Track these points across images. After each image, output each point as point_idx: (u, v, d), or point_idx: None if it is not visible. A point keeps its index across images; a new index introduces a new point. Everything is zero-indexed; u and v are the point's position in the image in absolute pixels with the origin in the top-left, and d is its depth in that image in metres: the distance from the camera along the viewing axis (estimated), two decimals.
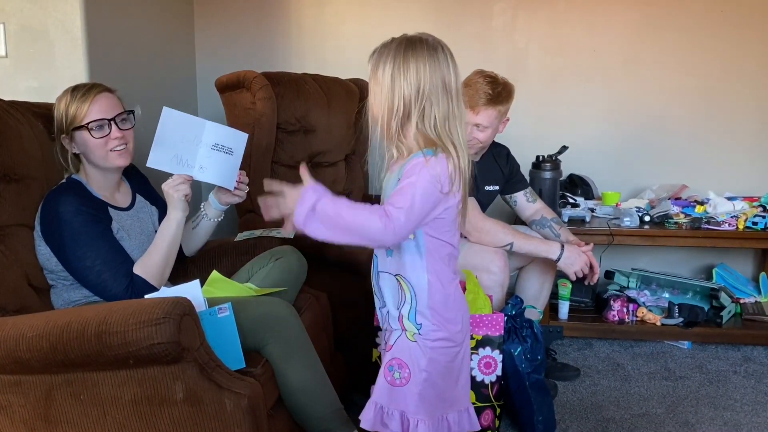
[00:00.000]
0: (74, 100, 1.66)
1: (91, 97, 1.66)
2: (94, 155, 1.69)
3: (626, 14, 3.10)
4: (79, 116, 1.65)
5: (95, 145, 1.67)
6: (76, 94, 1.67)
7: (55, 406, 1.39)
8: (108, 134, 1.68)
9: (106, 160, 1.70)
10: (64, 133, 1.68)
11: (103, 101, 1.68)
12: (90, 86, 1.70)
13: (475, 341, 1.97)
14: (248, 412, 1.38)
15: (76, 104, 1.66)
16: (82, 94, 1.67)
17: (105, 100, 1.69)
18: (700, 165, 3.17)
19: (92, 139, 1.66)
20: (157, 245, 1.69)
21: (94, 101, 1.66)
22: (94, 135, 1.66)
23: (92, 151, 1.68)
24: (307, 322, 1.76)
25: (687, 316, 2.75)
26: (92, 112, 1.66)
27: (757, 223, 2.64)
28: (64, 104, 1.67)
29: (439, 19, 3.19)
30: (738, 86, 3.10)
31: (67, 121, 1.67)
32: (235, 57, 3.25)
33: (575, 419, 2.18)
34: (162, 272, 1.68)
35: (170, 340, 1.27)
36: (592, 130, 3.21)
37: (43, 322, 1.34)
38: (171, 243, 1.69)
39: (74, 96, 1.67)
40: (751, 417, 2.20)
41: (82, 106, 1.65)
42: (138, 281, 1.63)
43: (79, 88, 1.69)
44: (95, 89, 1.69)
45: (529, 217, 2.52)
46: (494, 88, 2.20)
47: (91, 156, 1.69)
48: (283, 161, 2.59)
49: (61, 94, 1.70)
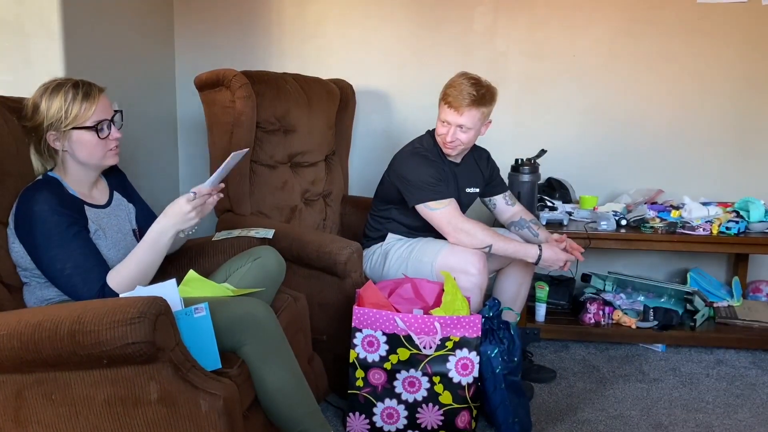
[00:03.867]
0: (76, 100, 1.62)
1: (96, 98, 1.64)
2: (90, 155, 1.67)
3: (605, 20, 3.14)
4: (85, 116, 1.62)
5: (95, 144, 1.65)
6: (78, 92, 1.62)
7: (26, 406, 1.36)
8: (108, 135, 1.68)
9: (104, 159, 1.70)
10: (55, 130, 1.63)
11: (104, 102, 1.68)
12: (89, 85, 1.66)
13: (452, 342, 1.98)
14: (223, 413, 1.37)
15: (78, 104, 1.62)
16: (85, 93, 1.63)
17: (105, 99, 1.68)
18: (675, 170, 3.22)
19: (95, 138, 1.64)
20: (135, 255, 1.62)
21: (98, 100, 1.65)
22: (100, 135, 1.65)
23: (91, 152, 1.66)
24: (285, 323, 1.75)
25: (661, 319, 2.79)
26: (97, 114, 1.64)
27: (730, 228, 2.68)
28: (61, 102, 1.61)
29: (420, 21, 3.19)
30: (714, 93, 3.15)
31: (67, 120, 1.61)
32: (215, 55, 3.23)
33: (551, 421, 2.20)
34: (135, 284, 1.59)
35: (145, 339, 1.25)
36: (570, 134, 3.24)
37: (14, 320, 1.32)
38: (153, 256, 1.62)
39: (76, 94, 1.62)
40: (723, 419, 2.24)
41: (88, 106, 1.62)
42: (108, 293, 1.57)
43: (77, 85, 1.64)
44: (96, 89, 1.67)
45: (507, 219, 2.54)
46: (478, 89, 2.22)
47: (85, 156, 1.67)
48: (263, 161, 2.58)
49: (51, 90, 1.63)
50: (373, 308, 2.00)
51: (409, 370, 2.00)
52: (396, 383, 2.01)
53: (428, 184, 2.27)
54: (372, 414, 2.04)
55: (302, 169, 2.76)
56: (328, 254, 2.15)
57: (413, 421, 2.03)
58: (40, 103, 1.64)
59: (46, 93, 1.64)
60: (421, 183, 2.28)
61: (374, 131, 3.32)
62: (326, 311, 2.21)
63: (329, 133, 2.91)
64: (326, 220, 2.86)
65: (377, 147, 3.30)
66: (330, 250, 2.15)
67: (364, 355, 2.02)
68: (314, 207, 2.80)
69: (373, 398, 2.03)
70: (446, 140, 2.30)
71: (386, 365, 2.01)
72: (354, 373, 2.03)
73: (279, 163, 2.65)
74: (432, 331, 1.97)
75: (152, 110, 3.03)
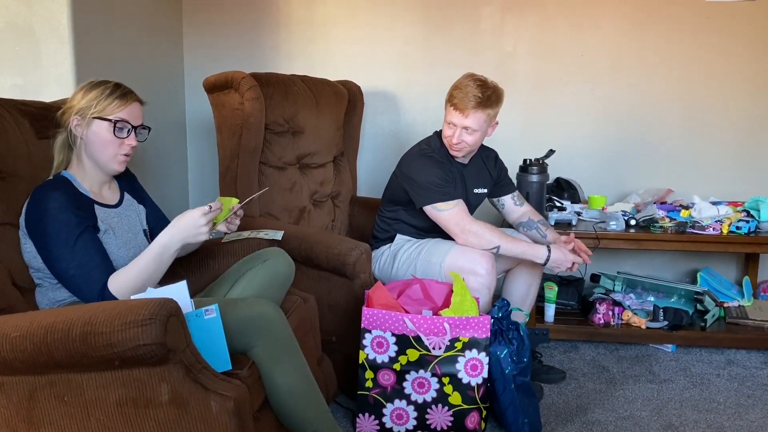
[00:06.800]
0: (111, 95, 1.69)
1: (130, 100, 1.72)
2: (101, 151, 1.70)
3: (614, 19, 3.13)
4: (111, 110, 1.68)
5: (110, 141, 1.69)
6: (116, 91, 1.70)
7: (38, 408, 1.37)
8: (125, 138, 1.71)
9: (112, 162, 1.72)
10: (82, 115, 1.68)
11: (136, 109, 1.74)
12: (130, 90, 1.74)
13: (461, 343, 1.98)
14: (234, 415, 1.37)
15: (111, 99, 1.69)
16: (123, 94, 1.71)
17: (137, 108, 1.75)
18: (685, 169, 3.20)
19: (109, 134, 1.68)
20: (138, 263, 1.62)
21: (130, 105, 1.71)
22: (115, 133, 1.69)
23: (102, 147, 1.69)
24: (294, 324, 1.75)
25: (672, 319, 2.78)
26: (124, 113, 1.70)
27: (740, 227, 2.67)
28: (97, 93, 1.69)
29: (427, 22, 3.20)
30: (723, 91, 3.13)
31: (95, 108, 1.67)
32: (224, 57, 3.25)
33: (560, 422, 2.19)
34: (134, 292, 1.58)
35: (156, 341, 1.26)
36: (579, 134, 3.23)
37: (27, 322, 1.33)
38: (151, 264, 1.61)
39: (114, 91, 1.70)
40: (734, 420, 2.23)
41: (119, 103, 1.69)
42: (108, 296, 1.57)
43: (120, 86, 1.73)
44: (134, 95, 1.75)
45: (516, 220, 2.54)
46: (484, 91, 2.21)
47: (96, 150, 1.70)
48: (271, 162, 2.59)
49: (94, 84, 1.71)
50: (383, 309, 2.00)
51: (419, 371, 2.00)
52: (405, 384, 2.02)
53: (435, 186, 2.27)
54: (381, 415, 2.04)
55: (311, 170, 2.77)
56: (337, 255, 2.15)
57: (423, 422, 2.03)
58: (78, 92, 1.72)
59: (88, 85, 1.72)
60: (429, 184, 2.28)
61: (382, 132, 3.32)
62: (335, 312, 2.22)
63: (337, 135, 2.91)
64: (335, 221, 2.86)
65: (385, 148, 3.31)
66: (339, 251, 2.15)
67: (373, 356, 2.02)
68: (323, 208, 2.81)
69: (383, 399, 2.03)
70: (452, 142, 2.30)
71: (395, 366, 2.01)
72: (363, 374, 2.03)
73: (288, 164, 2.66)
74: (441, 332, 1.97)
75: (161, 112, 3.04)
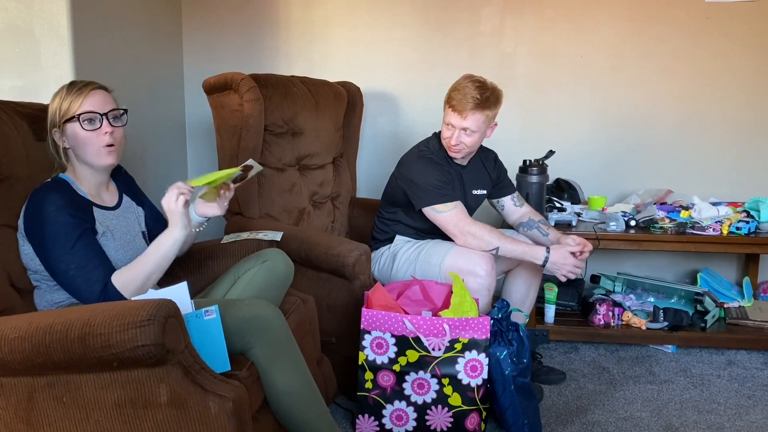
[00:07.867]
0: (69, 95, 1.68)
1: (86, 92, 1.69)
2: (85, 150, 1.69)
3: (613, 21, 3.13)
4: (72, 109, 1.67)
5: (86, 138, 1.67)
6: (72, 89, 1.69)
7: (37, 409, 1.37)
8: (99, 128, 1.68)
9: (98, 156, 1.70)
10: (56, 126, 1.68)
11: (97, 96, 1.70)
12: (86, 83, 1.72)
13: (461, 344, 1.98)
14: (233, 416, 1.37)
15: (70, 98, 1.67)
16: (78, 89, 1.69)
17: (99, 96, 1.71)
18: (685, 170, 3.20)
19: (82, 131, 1.66)
20: (145, 260, 1.63)
21: (88, 96, 1.68)
22: (84, 127, 1.66)
23: (83, 146, 1.68)
24: (294, 325, 1.75)
25: (672, 320, 2.77)
26: (85, 105, 1.67)
27: (740, 228, 2.67)
28: (59, 99, 1.69)
29: (427, 23, 3.20)
30: (722, 92, 3.13)
31: (60, 114, 1.67)
32: (223, 58, 3.25)
33: (560, 423, 2.19)
34: (140, 289, 1.61)
35: (155, 342, 1.26)
36: (578, 134, 3.23)
37: (25, 323, 1.33)
38: (159, 261, 1.63)
39: (70, 90, 1.69)
40: (735, 420, 2.22)
41: (76, 99, 1.67)
42: (111, 291, 1.58)
43: (75, 83, 1.71)
44: (91, 85, 1.72)
45: (516, 220, 2.54)
46: (482, 93, 2.21)
47: (81, 151, 1.69)
48: (271, 163, 2.59)
49: (57, 91, 1.72)
50: (382, 310, 2.00)
51: (418, 372, 2.00)
52: (405, 385, 2.01)
53: (434, 187, 2.27)
54: (381, 416, 2.04)
55: (310, 171, 2.77)
56: (336, 256, 2.15)
57: (422, 423, 2.03)
58: (49, 107, 1.71)
59: (54, 94, 1.71)
60: (428, 186, 2.28)
61: (382, 133, 3.32)
62: (335, 313, 2.22)
63: (337, 136, 2.91)
64: (334, 222, 2.86)
65: (385, 149, 3.30)
66: (338, 252, 2.15)
67: (373, 357, 2.02)
68: (322, 209, 2.81)
69: (383, 400, 2.03)
70: (451, 143, 2.29)
71: (395, 367, 2.01)
72: (363, 375, 2.03)
73: (287, 165, 2.66)
74: (441, 332, 1.97)
75: (160, 113, 3.05)
